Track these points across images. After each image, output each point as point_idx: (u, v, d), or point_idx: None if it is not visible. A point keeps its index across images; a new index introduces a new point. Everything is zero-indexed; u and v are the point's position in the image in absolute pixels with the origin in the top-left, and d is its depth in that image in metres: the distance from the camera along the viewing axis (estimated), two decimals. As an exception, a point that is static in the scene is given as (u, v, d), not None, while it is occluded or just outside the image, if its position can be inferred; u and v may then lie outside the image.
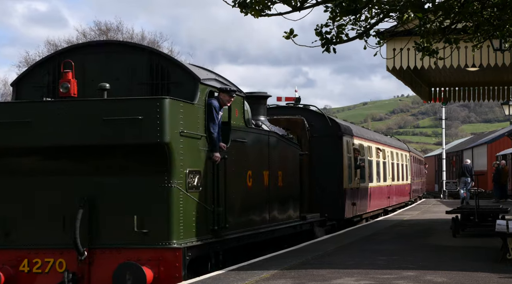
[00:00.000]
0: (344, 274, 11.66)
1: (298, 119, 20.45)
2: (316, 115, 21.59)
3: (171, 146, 10.88)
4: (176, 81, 11.94)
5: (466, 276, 11.28)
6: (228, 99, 12.51)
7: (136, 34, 57.68)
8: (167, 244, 10.94)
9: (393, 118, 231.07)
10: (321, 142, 20.63)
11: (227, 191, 12.68)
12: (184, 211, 11.22)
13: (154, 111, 10.72)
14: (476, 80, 24.99)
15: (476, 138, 74.63)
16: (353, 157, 22.72)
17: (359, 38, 11.57)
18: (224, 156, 12.50)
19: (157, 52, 12.39)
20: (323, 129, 20.93)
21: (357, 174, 23.37)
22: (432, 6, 11.22)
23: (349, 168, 22.06)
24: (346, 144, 21.69)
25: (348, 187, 21.80)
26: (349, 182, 22.06)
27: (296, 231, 17.29)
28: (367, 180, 25.67)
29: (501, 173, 38.27)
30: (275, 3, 11.16)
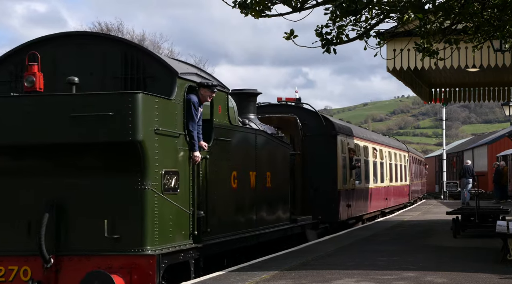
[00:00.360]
0: (344, 275, 11.66)
1: (290, 117, 19.91)
2: (310, 114, 20.93)
3: (144, 145, 10.11)
4: (152, 75, 11.13)
5: (467, 277, 11.28)
6: (209, 94, 11.73)
7: (137, 35, 57.75)
8: (140, 250, 10.14)
9: (393, 119, 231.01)
10: (314, 142, 20.10)
11: (208, 193, 11.90)
12: (159, 215, 10.42)
13: (126, 107, 9.94)
14: (476, 80, 24.97)
15: (477, 138, 74.60)
16: (348, 157, 22.04)
17: (359, 39, 11.56)
18: (206, 156, 11.77)
19: (132, 44, 11.55)
20: (316, 128, 20.36)
21: (353, 174, 22.70)
22: (432, 7, 11.22)
23: (343, 168, 21.45)
24: (340, 144, 21.11)
25: (342, 188, 21.19)
26: (344, 183, 21.44)
27: (286, 234, 16.54)
28: (363, 181, 24.99)
29: (501, 174, 38.26)
30: (275, 4, 11.16)
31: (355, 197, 23.16)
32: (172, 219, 10.79)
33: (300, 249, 16.11)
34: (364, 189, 25.24)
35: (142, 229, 10.18)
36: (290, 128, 19.60)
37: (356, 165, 22.68)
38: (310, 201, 19.64)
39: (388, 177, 30.95)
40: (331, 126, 20.76)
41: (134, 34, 57.39)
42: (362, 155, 25.32)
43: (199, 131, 11.52)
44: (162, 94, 10.72)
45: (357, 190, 23.57)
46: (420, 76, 23.71)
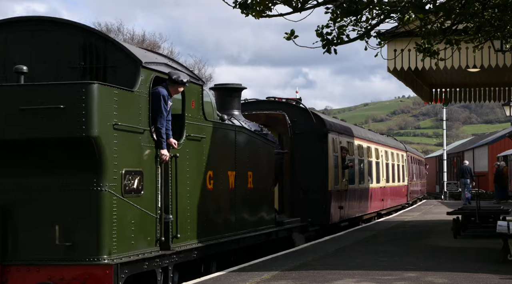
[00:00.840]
0: (345, 275, 11.67)
1: (279, 114, 19.00)
2: (299, 111, 19.94)
3: (100, 141, 9.03)
4: (114, 65, 10.04)
5: (467, 277, 11.29)
6: (177, 86, 10.72)
7: (137, 35, 57.78)
8: (96, 259, 9.05)
9: (394, 119, 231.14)
10: (304, 140, 19.27)
11: (179, 195, 10.82)
12: (118, 220, 9.35)
13: (79, 99, 8.86)
14: (477, 81, 24.96)
15: (477, 139, 74.59)
16: (340, 157, 21.21)
17: (360, 39, 11.55)
18: (175, 154, 10.71)
19: (91, 30, 10.35)
20: (306, 125, 19.48)
21: (345, 174, 21.81)
22: (433, 7, 11.20)
23: (335, 168, 20.55)
24: (332, 142, 20.20)
25: (334, 189, 20.29)
26: (335, 183, 20.53)
27: (270, 238, 15.50)
28: (357, 181, 24.04)
29: (501, 174, 38.26)
30: (275, 4, 11.15)
31: (348, 199, 22.27)
32: (135, 224, 9.72)
33: (301, 249, 16.11)
34: (358, 190, 24.24)
35: (98, 236, 9.10)
36: (278, 125, 18.89)
37: (348, 164, 21.83)
38: (300, 202, 18.89)
39: (384, 177, 29.92)
40: (321, 123, 19.90)
41: (134, 35, 57.43)
42: (356, 154, 24.34)
43: (168, 127, 10.55)
44: (125, 86, 9.71)
45: (350, 191, 22.66)
46: (420, 77, 23.70)
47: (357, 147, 24.53)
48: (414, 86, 23.86)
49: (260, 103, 20.15)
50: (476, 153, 58.41)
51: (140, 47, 11.26)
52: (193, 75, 11.82)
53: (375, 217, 28.44)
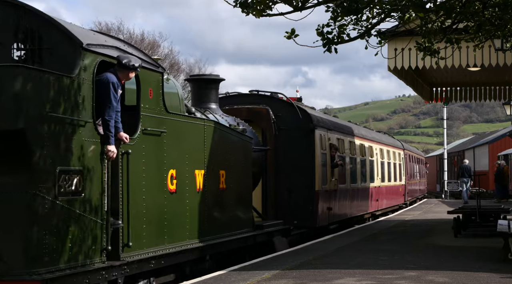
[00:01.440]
0: (345, 274, 11.68)
1: (262, 109, 17.97)
2: (284, 105, 18.66)
3: (27, 135, 7.65)
4: (50, 47, 8.69)
5: (468, 276, 11.29)
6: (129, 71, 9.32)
7: (137, 35, 57.83)
8: (22, 275, 7.68)
9: (394, 118, 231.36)
10: (289, 136, 18.17)
11: (131, 197, 9.43)
12: (51, 227, 7.95)
13: (1, 85, 7.55)
14: (477, 80, 24.94)
15: (478, 138, 74.69)
16: (329, 154, 19.92)
17: (360, 38, 11.53)
18: (127, 150, 9.34)
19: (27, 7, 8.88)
20: (292, 121, 18.31)
21: (335, 174, 20.46)
22: (434, 6, 11.20)
23: (323, 166, 19.21)
24: (319, 139, 18.93)
25: (321, 189, 18.91)
26: (323, 183, 19.16)
27: (246, 244, 14.20)
28: (348, 180, 22.64)
29: (502, 173, 38.29)
30: (276, 3, 11.14)
31: (337, 199, 20.93)
32: (73, 231, 8.31)
33: (301, 248, 16.13)
34: (349, 190, 22.88)
35: (24, 246, 7.73)
36: (261, 121, 17.89)
37: (338, 163, 20.56)
38: (284, 204, 17.81)
39: (379, 176, 28.47)
40: (308, 119, 18.60)
41: (134, 34, 57.47)
42: (348, 152, 23.09)
43: (117, 119, 9.15)
44: (63, 71, 8.34)
45: (340, 191, 21.35)
46: (421, 76, 23.68)
47: (349, 144, 23.25)
48: (415, 85, 23.84)
49: (242, 97, 18.94)
50: (476, 152, 58.49)
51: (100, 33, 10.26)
52: (152, 61, 10.50)
53: (369, 218, 27.35)
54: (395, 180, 32.94)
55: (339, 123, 23.30)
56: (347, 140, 23.09)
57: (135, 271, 9.67)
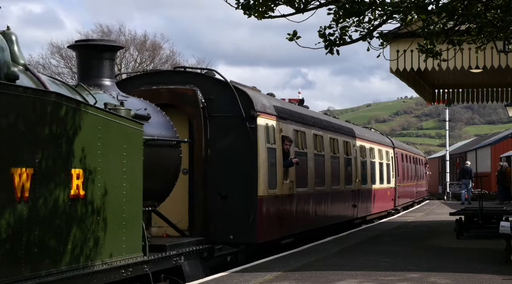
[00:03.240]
0: (347, 275, 11.67)
1: (187, 90, 14.39)
2: (218, 85, 14.74)
3: None
4: None
5: (470, 278, 11.29)
6: None
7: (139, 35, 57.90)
8: None
9: (396, 120, 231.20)
10: (224, 126, 14.47)
11: None
12: None
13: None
14: (479, 81, 24.94)
15: (480, 139, 74.60)
16: (280, 149, 15.89)
17: (362, 40, 11.52)
18: None
19: None
20: (227, 105, 14.54)
21: (289, 174, 16.48)
22: (436, 8, 11.20)
23: (271, 165, 15.28)
24: (265, 129, 15.01)
25: (268, 194, 14.97)
26: (271, 186, 15.18)
27: (126, 277, 10.15)
28: (310, 183, 18.40)
29: (504, 175, 38.29)
30: (278, 5, 11.16)
31: (294, 207, 16.93)
32: None
33: (303, 250, 16.10)
34: (314, 194, 18.67)
35: None
36: (186, 105, 14.36)
37: (293, 160, 16.54)
38: (216, 214, 14.19)
39: (358, 178, 23.94)
40: (249, 103, 14.55)
41: (136, 35, 57.53)
42: (311, 147, 18.75)
43: None
44: None
45: (299, 197, 17.27)
46: (423, 77, 23.68)
47: (314, 138, 18.99)
48: (417, 87, 23.84)
49: (165, 75, 15.36)
50: (478, 153, 58.38)
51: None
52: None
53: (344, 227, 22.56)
54: (381, 182, 28.80)
55: (297, 111, 18.53)
56: (311, 133, 18.77)
57: None
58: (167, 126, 12.39)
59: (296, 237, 17.18)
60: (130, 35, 57.18)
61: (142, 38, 57.17)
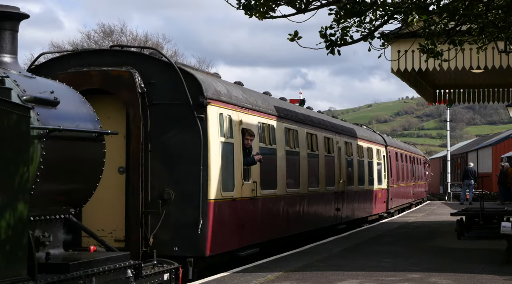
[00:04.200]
0: (348, 276, 11.67)
1: (122, 72, 12.31)
2: (160, 67, 12.66)
3: None
4: None
5: (471, 278, 11.29)
6: None
7: (140, 36, 57.91)
8: None
9: (397, 120, 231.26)
10: (168, 115, 12.43)
11: None
12: None
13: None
14: (481, 82, 24.94)
15: (481, 140, 74.61)
16: (239, 144, 13.74)
17: (363, 40, 11.54)
18: None
19: None
20: (172, 91, 12.45)
21: (251, 174, 14.21)
22: (437, 8, 11.21)
23: (226, 163, 13.12)
24: (217, 120, 12.88)
25: (220, 198, 12.74)
26: (225, 188, 13.00)
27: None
28: (281, 184, 16.12)
29: (505, 175, 38.28)
30: (279, 5, 11.18)
31: (258, 212, 14.68)
32: None
33: (305, 250, 16.10)
34: (282, 197, 16.25)
35: None
36: (122, 90, 12.28)
37: (256, 158, 14.18)
38: (157, 221, 12.11)
39: (343, 178, 21.76)
40: (197, 88, 12.40)
41: (138, 36, 57.54)
42: (281, 142, 16.30)
43: None
44: None
45: (264, 200, 15.02)
46: (424, 77, 23.68)
47: (286, 133, 16.71)
48: (418, 87, 23.85)
49: (98, 55, 13.29)
50: (480, 154, 58.41)
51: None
52: None
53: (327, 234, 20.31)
54: (371, 183, 26.54)
55: (265, 100, 16.37)
56: (282, 127, 16.52)
57: None
58: (86, 115, 9.78)
59: (262, 246, 14.87)
60: (132, 35, 57.23)
61: (143, 38, 57.19)
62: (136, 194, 12.14)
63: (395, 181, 32.15)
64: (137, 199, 12.12)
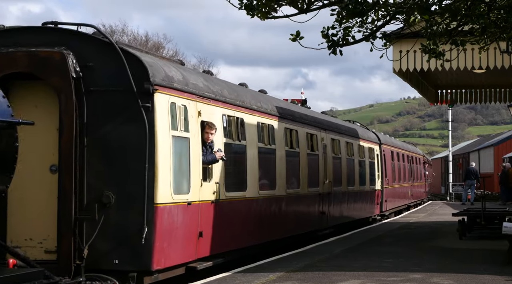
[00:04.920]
0: (350, 276, 11.67)
1: (52, 53, 10.52)
2: (100, 48, 10.85)
3: None
4: None
5: (473, 279, 11.29)
6: None
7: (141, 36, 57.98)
8: None
9: (399, 120, 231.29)
10: (108, 104, 10.64)
11: None
12: None
13: None
14: (482, 82, 24.94)
15: (483, 140, 74.61)
16: (198, 140, 11.90)
17: (365, 40, 11.54)
18: None
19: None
20: (113, 76, 10.69)
21: (212, 174, 12.35)
22: (439, 8, 11.22)
23: (179, 160, 11.27)
24: (169, 110, 11.02)
25: (172, 202, 10.93)
26: (178, 190, 11.14)
27: None
28: (252, 185, 14.24)
29: (507, 176, 38.27)
30: (281, 6, 11.18)
31: (221, 217, 12.71)
32: None
33: (306, 250, 16.10)
34: (254, 200, 14.43)
35: None
36: (52, 74, 10.51)
37: (217, 155, 12.35)
38: (93, 228, 10.36)
39: (329, 179, 19.95)
40: (142, 72, 10.65)
41: (138, 36, 57.62)
42: (254, 139, 14.46)
43: None
44: None
45: (230, 204, 13.15)
46: (426, 78, 23.68)
47: (257, 127, 14.76)
48: (420, 87, 23.85)
49: (27, 33, 11.10)
50: (481, 154, 58.39)
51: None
52: None
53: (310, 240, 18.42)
54: (362, 183, 24.60)
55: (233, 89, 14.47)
56: (254, 121, 14.64)
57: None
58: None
59: (229, 256, 13.22)
60: (133, 35, 57.29)
61: (144, 38, 57.25)
62: (69, 197, 10.30)
63: (390, 181, 30.31)
64: (69, 202, 10.28)
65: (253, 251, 14.70)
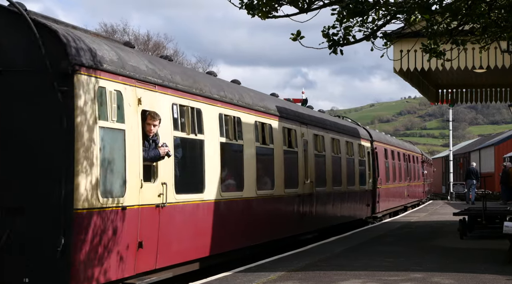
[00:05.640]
0: (351, 275, 11.68)
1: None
2: (6, 18, 9.16)
3: None
4: None
5: (474, 278, 11.29)
6: None
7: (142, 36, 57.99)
8: None
9: (400, 120, 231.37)
10: (16, 88, 8.99)
11: None
12: None
13: None
14: (483, 81, 24.94)
15: (483, 140, 74.57)
16: (138, 133, 10.16)
17: (366, 40, 11.53)
18: None
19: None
20: (23, 54, 9.03)
21: (158, 172, 10.65)
22: (439, 8, 11.21)
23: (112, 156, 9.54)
24: (95, 96, 9.23)
25: (98, 207, 9.17)
26: (107, 193, 9.41)
27: None
28: (210, 186, 12.47)
29: (507, 175, 38.29)
30: (282, 5, 11.18)
31: (170, 225, 10.95)
32: None
33: (307, 250, 16.11)
34: (214, 203, 12.66)
35: None
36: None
37: (161, 150, 10.55)
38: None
39: (310, 179, 18.28)
40: (59, 49, 8.91)
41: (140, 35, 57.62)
42: (215, 133, 12.75)
43: None
44: None
45: (182, 208, 11.43)
46: (427, 77, 23.67)
47: (219, 120, 13.05)
48: (420, 87, 23.84)
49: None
50: (482, 154, 58.37)
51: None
52: None
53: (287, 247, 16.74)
54: (350, 183, 22.89)
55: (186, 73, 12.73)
56: (215, 112, 12.97)
57: None
58: None
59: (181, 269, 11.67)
60: (134, 35, 57.30)
61: (145, 38, 57.26)
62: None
63: (384, 181, 28.39)
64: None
65: (212, 262, 12.93)
